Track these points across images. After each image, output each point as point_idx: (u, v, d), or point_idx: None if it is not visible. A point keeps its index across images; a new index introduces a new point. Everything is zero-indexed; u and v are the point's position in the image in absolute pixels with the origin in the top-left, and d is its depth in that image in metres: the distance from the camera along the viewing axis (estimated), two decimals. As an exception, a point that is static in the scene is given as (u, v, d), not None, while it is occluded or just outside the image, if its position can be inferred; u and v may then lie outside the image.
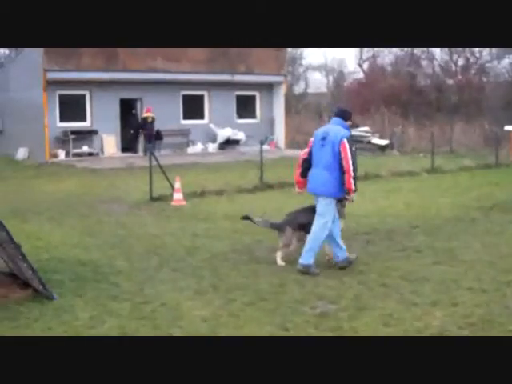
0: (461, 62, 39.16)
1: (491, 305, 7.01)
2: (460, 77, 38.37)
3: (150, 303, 7.18)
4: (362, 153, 27.10)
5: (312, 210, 8.57)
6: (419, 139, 31.35)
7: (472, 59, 39.20)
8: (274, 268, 8.68)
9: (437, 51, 38.81)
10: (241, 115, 29.54)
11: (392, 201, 14.29)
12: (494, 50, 37.65)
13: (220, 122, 28.42)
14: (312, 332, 6.21)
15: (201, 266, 8.86)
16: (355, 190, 8.26)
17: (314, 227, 8.38)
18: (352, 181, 8.12)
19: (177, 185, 14.39)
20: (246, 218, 9.24)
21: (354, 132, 28.85)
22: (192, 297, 7.46)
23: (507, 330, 6.16)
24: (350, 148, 8.12)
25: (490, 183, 17.03)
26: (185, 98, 28.28)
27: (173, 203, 14.16)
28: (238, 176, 18.29)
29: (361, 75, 42.34)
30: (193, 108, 28.47)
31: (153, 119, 25.54)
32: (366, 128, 30.18)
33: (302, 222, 8.71)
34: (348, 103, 38.92)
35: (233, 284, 7.94)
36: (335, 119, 8.48)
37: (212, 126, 28.28)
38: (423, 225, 11.54)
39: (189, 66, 27.19)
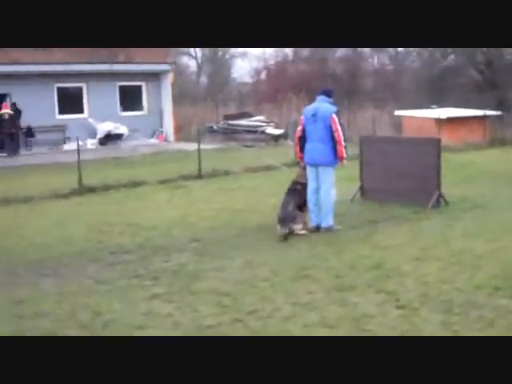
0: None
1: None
2: (375, 62, 36.63)
3: None
4: (255, 144, 25.21)
5: (292, 192, 9.62)
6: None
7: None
8: None
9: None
10: (126, 107, 27.28)
11: (209, 205, 12.22)
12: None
13: (102, 115, 26.11)
14: None
15: None
16: (346, 158, 9.34)
17: (322, 194, 9.38)
18: (344, 150, 9.22)
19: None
20: (286, 237, 9.20)
21: (248, 122, 26.93)
22: None
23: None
24: (339, 121, 9.25)
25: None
26: (60, 90, 25.94)
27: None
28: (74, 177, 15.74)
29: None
30: (70, 101, 26.18)
31: (11, 116, 23.16)
32: (261, 117, 28.16)
33: (300, 204, 9.58)
34: (256, 93, 37.10)
35: None
36: (321, 97, 9.50)
37: (91, 120, 26.01)
38: (210, 238, 9.51)
39: (61, 56, 24.82)
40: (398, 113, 22.91)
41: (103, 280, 7.60)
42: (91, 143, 25.90)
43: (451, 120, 20.71)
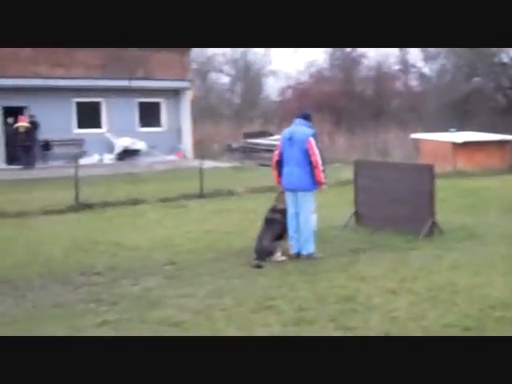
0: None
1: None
2: (399, 81, 36.10)
3: None
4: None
5: (269, 223, 9.32)
6: (349, 148, 29.10)
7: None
8: None
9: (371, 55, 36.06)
10: (144, 123, 27.21)
11: (199, 226, 11.94)
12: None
13: (120, 130, 26.08)
14: None
15: None
16: (325, 183, 9.07)
17: (301, 220, 9.05)
18: (322, 174, 8.94)
19: None
20: (259, 266, 8.79)
21: (266, 141, 26.70)
22: None
23: None
24: (316, 145, 8.91)
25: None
26: (79, 105, 25.98)
27: None
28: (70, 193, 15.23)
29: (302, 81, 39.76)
30: (88, 116, 26.19)
31: (27, 129, 23.21)
32: (279, 136, 27.82)
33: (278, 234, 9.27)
34: (282, 111, 36.86)
35: None
36: (299, 120, 9.29)
37: (108, 135, 25.99)
38: (187, 261, 9.23)
39: (80, 71, 24.96)
40: (414, 136, 22.41)
41: (61, 303, 7.36)
42: (108, 158, 25.89)
43: (468, 144, 20.18)
